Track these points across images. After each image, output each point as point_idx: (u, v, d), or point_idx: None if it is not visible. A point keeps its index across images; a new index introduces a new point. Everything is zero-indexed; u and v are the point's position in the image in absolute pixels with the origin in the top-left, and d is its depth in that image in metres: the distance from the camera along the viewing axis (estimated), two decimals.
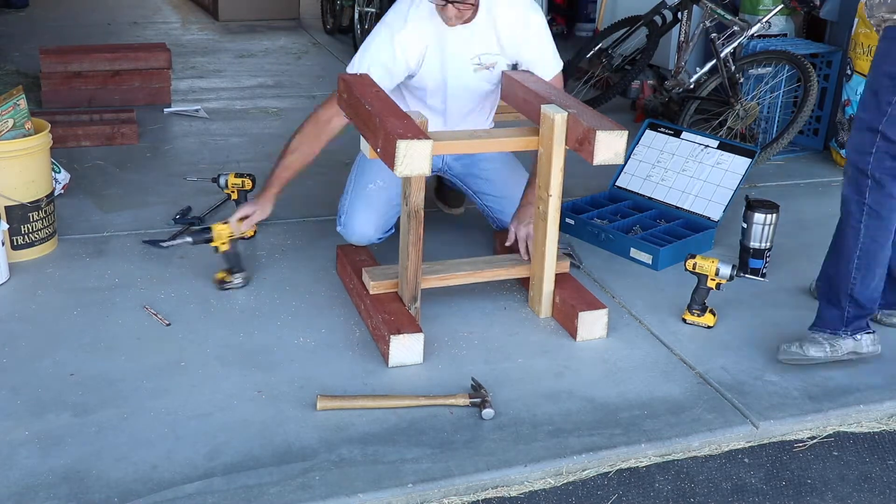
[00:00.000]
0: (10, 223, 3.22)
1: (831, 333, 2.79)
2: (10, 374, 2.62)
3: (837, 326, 2.79)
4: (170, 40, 7.06)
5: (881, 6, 2.64)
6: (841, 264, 2.76)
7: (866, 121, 2.65)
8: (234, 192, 3.56)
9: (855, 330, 2.79)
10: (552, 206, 2.93)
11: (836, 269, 2.78)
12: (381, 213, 3.24)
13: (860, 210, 2.69)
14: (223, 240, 3.13)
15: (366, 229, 3.23)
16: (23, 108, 3.27)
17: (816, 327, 2.84)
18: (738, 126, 4.79)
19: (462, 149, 2.91)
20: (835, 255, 2.80)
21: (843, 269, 2.75)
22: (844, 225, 2.75)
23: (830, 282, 2.81)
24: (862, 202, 2.68)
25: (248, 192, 3.55)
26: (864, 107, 2.68)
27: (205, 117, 5.23)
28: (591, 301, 2.98)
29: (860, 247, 2.71)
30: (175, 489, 2.18)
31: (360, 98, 2.85)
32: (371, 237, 3.24)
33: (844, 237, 2.75)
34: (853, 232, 2.71)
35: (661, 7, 5.34)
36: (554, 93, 3.03)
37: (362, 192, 3.25)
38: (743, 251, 3.42)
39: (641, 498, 2.31)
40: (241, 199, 3.53)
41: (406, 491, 2.23)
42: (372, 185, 3.26)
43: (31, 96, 4.08)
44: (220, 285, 3.16)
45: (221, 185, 3.57)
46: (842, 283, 2.75)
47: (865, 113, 2.66)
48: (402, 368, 2.73)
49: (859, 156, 2.67)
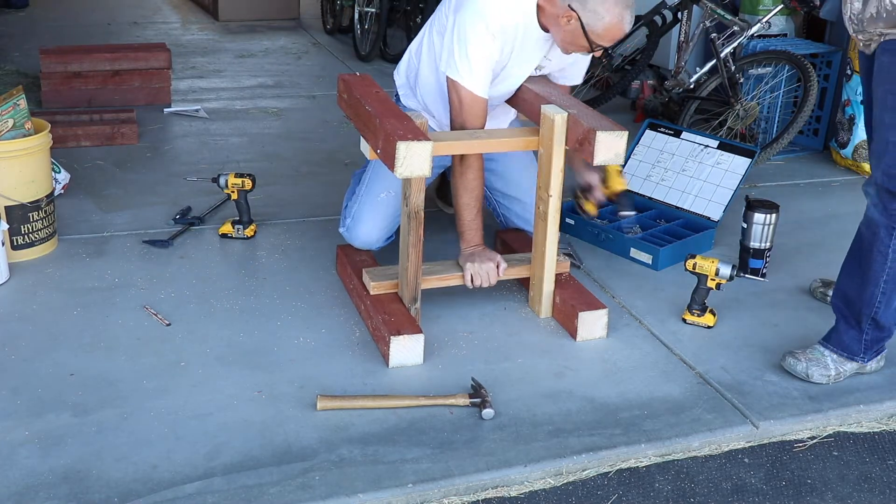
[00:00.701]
0: (10, 223, 3.22)
1: (847, 357, 2.73)
2: (10, 374, 2.63)
3: (855, 351, 2.72)
4: (170, 40, 7.06)
5: (875, 21, 2.52)
6: (866, 288, 2.65)
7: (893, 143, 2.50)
8: (234, 192, 3.55)
9: (873, 354, 2.75)
10: (552, 206, 2.93)
11: (860, 292, 2.67)
12: (388, 222, 3.21)
13: (889, 235, 2.58)
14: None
15: (371, 237, 3.21)
16: (23, 108, 3.27)
17: (830, 346, 2.76)
18: (738, 126, 4.79)
19: (462, 149, 2.91)
20: (857, 278, 2.68)
21: (868, 292, 2.65)
22: (870, 248, 2.63)
23: (849, 303, 2.71)
24: (892, 226, 2.57)
25: (248, 192, 3.55)
26: (883, 129, 2.54)
27: (205, 117, 5.23)
28: (592, 301, 2.98)
29: (888, 271, 2.61)
30: (175, 489, 2.18)
31: (360, 99, 2.85)
32: (374, 244, 3.23)
33: (871, 261, 2.63)
34: (880, 256, 2.61)
35: (661, 7, 5.34)
36: (555, 93, 3.03)
37: (373, 200, 3.20)
38: (743, 251, 3.42)
39: (641, 498, 2.31)
40: (241, 199, 3.53)
41: (406, 491, 2.23)
42: (384, 195, 3.19)
43: (31, 96, 4.08)
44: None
45: (221, 186, 3.56)
46: (864, 307, 2.67)
47: (889, 133, 2.51)
48: (402, 369, 2.73)
49: (889, 179, 2.53)
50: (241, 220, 3.56)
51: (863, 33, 2.59)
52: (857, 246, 2.70)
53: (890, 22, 2.50)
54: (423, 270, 2.93)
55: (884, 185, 2.56)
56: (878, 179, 2.57)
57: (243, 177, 3.56)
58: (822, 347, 2.76)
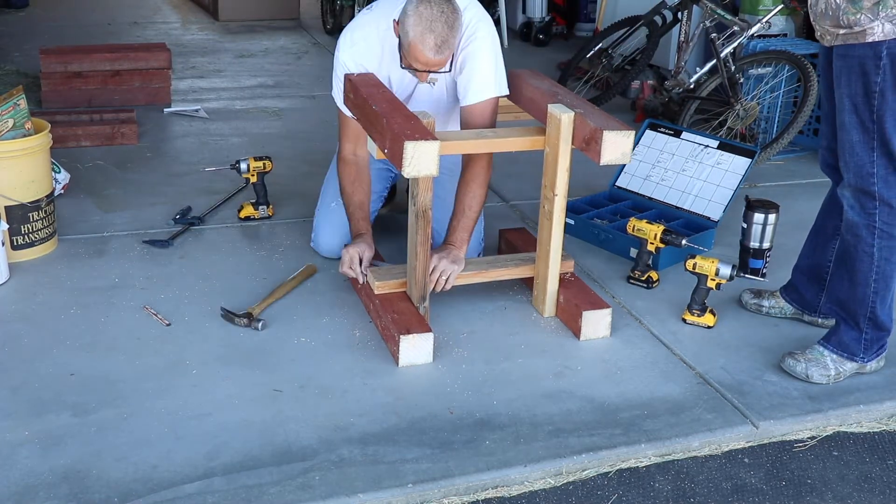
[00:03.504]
0: (10, 223, 3.22)
1: (847, 357, 2.73)
2: (10, 374, 2.62)
3: (854, 351, 2.73)
4: (170, 40, 7.06)
5: (824, 17, 2.56)
6: (857, 289, 2.68)
7: (860, 142, 2.56)
8: (253, 176, 3.71)
9: (874, 355, 2.76)
10: (557, 205, 2.93)
11: (852, 293, 2.70)
12: (345, 229, 3.25)
13: (871, 234, 2.61)
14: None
15: (331, 244, 3.35)
16: (23, 108, 3.27)
17: (830, 346, 2.76)
18: (738, 126, 4.79)
19: (469, 148, 2.91)
20: (847, 280, 2.71)
21: (860, 293, 2.68)
22: (855, 250, 2.66)
23: (843, 306, 2.74)
24: (872, 226, 2.60)
25: (267, 173, 3.73)
26: (848, 130, 2.58)
27: (205, 117, 5.23)
28: (595, 300, 2.98)
29: (875, 270, 2.64)
30: (175, 489, 2.18)
31: (367, 99, 2.85)
32: (337, 251, 3.29)
33: (858, 262, 2.66)
34: (866, 257, 2.64)
35: (661, 7, 5.34)
36: (561, 92, 3.03)
37: (326, 209, 3.39)
38: (743, 251, 3.42)
39: (641, 498, 2.31)
40: (260, 182, 3.71)
41: (406, 491, 2.23)
42: (334, 204, 3.34)
43: (31, 96, 4.08)
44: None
45: (243, 171, 3.70)
46: (859, 308, 2.69)
47: (855, 134, 2.56)
48: (401, 369, 2.73)
49: (861, 178, 2.58)
50: (262, 202, 3.74)
51: (818, 24, 2.62)
52: (843, 250, 2.72)
53: (833, 21, 2.53)
54: None
55: (857, 185, 2.59)
56: (851, 181, 2.61)
57: (263, 159, 3.71)
58: (821, 347, 2.77)
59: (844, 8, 2.49)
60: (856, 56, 2.50)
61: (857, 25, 2.47)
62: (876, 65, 2.47)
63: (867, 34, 2.47)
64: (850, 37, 2.50)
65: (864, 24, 2.46)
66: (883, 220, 2.59)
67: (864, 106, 2.52)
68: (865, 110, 2.52)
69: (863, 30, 2.47)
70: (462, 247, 3.02)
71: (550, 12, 7.59)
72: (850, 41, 2.51)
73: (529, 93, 3.12)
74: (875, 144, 2.54)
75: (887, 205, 2.58)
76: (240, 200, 3.86)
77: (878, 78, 2.48)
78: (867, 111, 2.52)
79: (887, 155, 2.54)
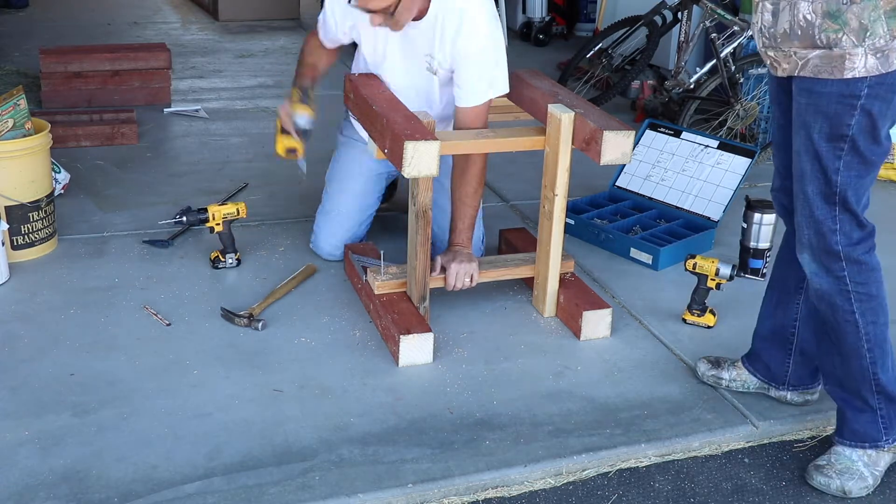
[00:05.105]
0: (10, 223, 3.22)
1: (871, 447, 2.35)
2: (10, 374, 2.63)
3: (877, 436, 2.34)
4: (170, 40, 7.05)
5: (790, 38, 2.13)
6: (851, 363, 2.31)
7: (820, 195, 2.19)
8: (219, 225, 3.26)
9: None
10: (558, 205, 2.93)
11: (846, 370, 2.33)
12: (343, 231, 3.33)
13: (847, 300, 2.24)
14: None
15: (332, 247, 3.35)
16: (23, 108, 3.27)
17: (847, 441, 2.37)
18: (738, 126, 4.79)
19: (469, 148, 2.91)
20: (837, 355, 2.34)
21: (856, 366, 2.30)
22: (835, 321, 2.28)
23: (843, 385, 2.36)
24: (846, 290, 2.23)
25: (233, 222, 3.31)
26: (807, 180, 2.19)
27: (205, 117, 5.22)
28: (596, 300, 2.99)
29: (864, 338, 2.27)
30: (175, 489, 2.18)
31: (366, 99, 2.85)
32: (338, 253, 3.35)
33: (842, 333, 2.29)
34: (850, 326, 2.26)
35: (661, 7, 5.34)
36: (561, 92, 3.03)
37: (326, 212, 3.39)
38: (743, 251, 3.42)
39: (641, 498, 2.31)
40: (227, 231, 3.28)
41: (406, 491, 2.23)
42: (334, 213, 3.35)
43: (31, 96, 4.08)
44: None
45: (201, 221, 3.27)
46: (861, 384, 2.32)
47: (813, 185, 2.19)
48: (401, 369, 2.73)
49: (821, 237, 2.21)
50: (230, 250, 3.31)
51: (774, 49, 2.20)
52: (821, 323, 2.36)
53: (805, 41, 2.11)
54: None
55: (818, 246, 2.23)
56: (811, 240, 2.24)
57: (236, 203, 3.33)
58: (842, 448, 2.38)
59: (821, 24, 2.07)
60: (826, 93, 2.11)
61: (838, 47, 2.07)
62: (851, 105, 2.09)
63: (845, 67, 2.07)
64: (823, 66, 2.10)
65: (846, 47, 2.06)
66: (855, 282, 2.23)
67: (830, 153, 2.14)
68: (831, 158, 2.14)
69: (842, 54, 2.06)
70: (469, 245, 3.03)
71: (550, 12, 7.59)
72: (823, 74, 2.10)
73: (529, 93, 3.12)
74: (837, 200, 2.18)
75: (855, 262, 2.22)
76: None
77: (850, 121, 2.10)
78: (832, 159, 2.14)
79: (850, 212, 2.19)
